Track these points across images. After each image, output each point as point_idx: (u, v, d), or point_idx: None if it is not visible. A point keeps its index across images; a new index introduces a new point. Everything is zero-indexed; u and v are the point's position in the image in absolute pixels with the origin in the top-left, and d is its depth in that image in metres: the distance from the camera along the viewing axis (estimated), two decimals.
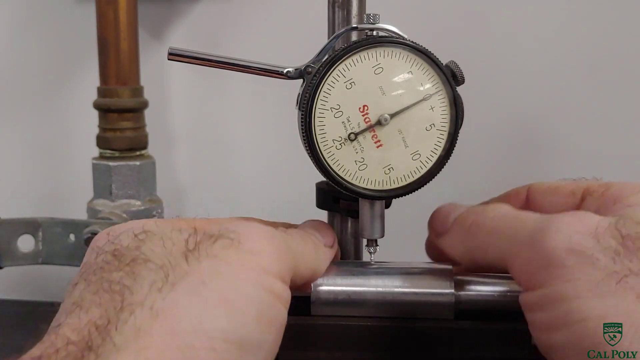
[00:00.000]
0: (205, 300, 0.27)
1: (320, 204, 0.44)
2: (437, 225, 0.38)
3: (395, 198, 0.39)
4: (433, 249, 0.42)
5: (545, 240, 0.29)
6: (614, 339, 0.26)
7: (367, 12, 0.40)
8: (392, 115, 0.37)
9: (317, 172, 0.38)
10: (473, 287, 0.37)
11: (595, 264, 0.28)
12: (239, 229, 0.31)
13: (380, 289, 0.37)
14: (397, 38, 0.37)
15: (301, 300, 0.36)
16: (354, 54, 0.37)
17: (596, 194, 0.35)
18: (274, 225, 0.39)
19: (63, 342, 0.26)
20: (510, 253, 0.32)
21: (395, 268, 0.39)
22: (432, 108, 0.37)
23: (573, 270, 0.28)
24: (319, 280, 0.37)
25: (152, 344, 0.26)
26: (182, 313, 0.27)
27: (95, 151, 0.65)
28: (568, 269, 0.28)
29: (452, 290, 0.37)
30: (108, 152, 0.64)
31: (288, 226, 0.40)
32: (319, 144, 0.37)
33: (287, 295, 0.31)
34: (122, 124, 0.63)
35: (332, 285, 0.38)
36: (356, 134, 0.37)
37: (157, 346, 0.26)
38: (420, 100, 0.37)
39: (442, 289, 0.37)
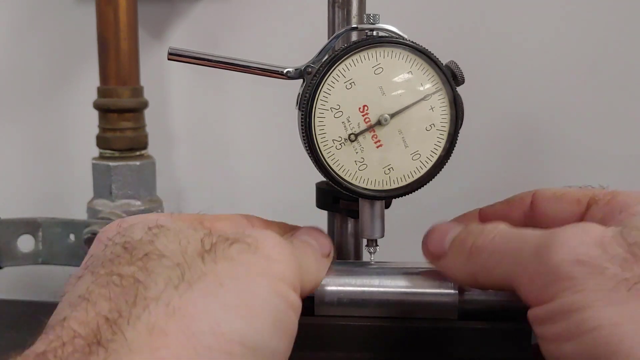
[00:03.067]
0: (223, 302, 0.27)
1: (320, 204, 0.44)
2: (433, 247, 0.37)
3: (395, 198, 0.39)
4: None
5: (551, 254, 0.29)
6: (631, 348, 0.25)
7: (367, 12, 0.40)
8: (392, 115, 0.37)
9: (317, 172, 0.38)
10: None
11: (604, 273, 0.27)
12: (255, 235, 0.31)
13: (384, 289, 0.37)
14: (397, 38, 0.37)
15: (305, 301, 0.36)
16: (354, 54, 0.37)
17: (602, 202, 0.35)
18: (272, 226, 0.39)
19: (69, 336, 0.25)
20: (515, 273, 0.31)
21: (398, 268, 0.39)
22: (432, 108, 0.37)
23: (582, 281, 0.28)
24: (325, 281, 0.37)
25: (168, 343, 0.25)
26: (200, 314, 0.26)
27: (95, 151, 0.65)
28: (577, 280, 0.28)
29: (456, 291, 0.37)
30: (108, 152, 0.64)
31: (285, 227, 0.40)
32: (319, 144, 0.37)
33: (299, 305, 0.31)
34: (122, 124, 0.63)
35: (336, 286, 0.38)
36: (356, 134, 0.37)
37: (173, 346, 0.25)
38: (420, 100, 0.37)
39: (445, 289, 0.37)
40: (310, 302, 0.37)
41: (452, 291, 0.37)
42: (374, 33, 0.38)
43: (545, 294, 0.29)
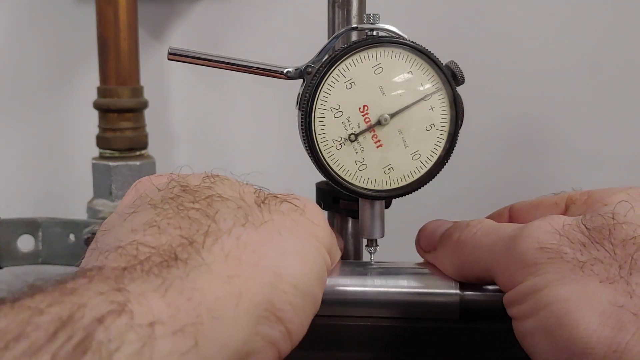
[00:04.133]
0: (282, 248, 0.29)
1: (320, 204, 0.44)
2: (424, 242, 0.40)
3: (395, 198, 0.39)
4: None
5: (518, 244, 0.31)
6: (576, 320, 0.28)
7: (367, 12, 0.40)
8: (392, 115, 0.37)
9: (317, 172, 0.38)
10: (478, 288, 0.37)
11: (564, 257, 0.30)
12: (302, 199, 0.33)
13: (385, 289, 0.37)
14: (397, 38, 0.37)
15: None
16: (354, 54, 0.37)
17: (579, 201, 0.37)
18: None
19: (146, 254, 0.26)
20: (492, 264, 0.33)
21: (399, 268, 0.39)
22: (432, 108, 0.37)
23: (544, 265, 0.30)
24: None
25: (241, 272, 0.27)
26: (265, 253, 0.29)
27: (95, 151, 0.65)
28: (539, 265, 0.30)
29: (457, 291, 0.37)
30: (108, 152, 0.64)
31: None
32: (319, 144, 0.37)
33: (329, 269, 0.33)
34: (122, 124, 0.63)
35: (339, 286, 0.37)
36: (356, 134, 0.37)
37: (245, 276, 0.27)
38: (420, 100, 0.37)
39: (447, 289, 0.37)
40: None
41: (454, 291, 0.37)
42: (374, 33, 0.38)
43: (515, 280, 0.31)
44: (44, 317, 0.21)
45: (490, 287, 0.37)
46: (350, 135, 0.37)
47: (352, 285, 0.38)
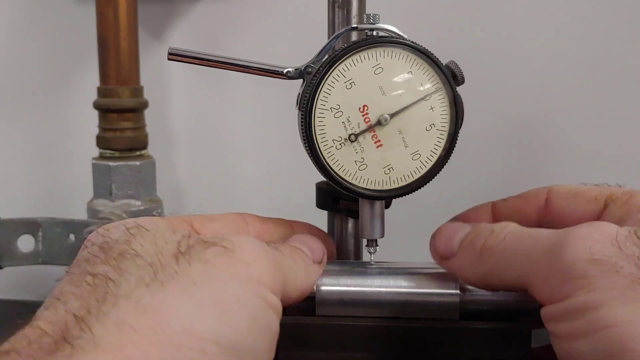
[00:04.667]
0: (196, 301, 0.27)
1: (320, 204, 0.44)
2: (441, 248, 0.36)
3: (395, 198, 0.39)
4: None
5: (564, 253, 0.29)
6: None
7: (367, 12, 0.40)
8: (392, 115, 0.37)
9: (317, 172, 0.38)
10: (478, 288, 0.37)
11: (619, 272, 0.27)
12: (233, 239, 0.30)
13: (385, 289, 0.37)
14: (397, 38, 0.37)
15: (306, 301, 0.36)
16: (354, 54, 0.37)
17: (619, 201, 0.35)
18: (268, 223, 0.39)
19: (36, 335, 0.25)
20: (528, 272, 0.31)
21: (400, 268, 0.39)
22: (432, 108, 0.37)
23: (597, 279, 0.27)
24: (324, 281, 0.37)
25: (136, 340, 0.25)
26: (172, 312, 0.26)
27: (95, 151, 0.65)
28: (591, 279, 0.27)
29: (458, 291, 0.37)
30: (108, 152, 0.64)
31: (282, 223, 0.40)
32: (319, 144, 0.37)
33: (279, 305, 0.31)
34: (122, 124, 0.63)
35: (337, 286, 0.37)
36: (356, 134, 0.37)
37: (142, 343, 0.25)
38: (420, 100, 0.37)
39: (447, 289, 0.37)
40: (311, 302, 0.37)
41: (454, 291, 0.37)
42: (374, 33, 0.38)
43: (560, 293, 0.29)
44: None
45: None
46: (350, 135, 0.37)
47: (352, 285, 0.38)
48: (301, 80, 0.38)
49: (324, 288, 0.37)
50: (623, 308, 0.26)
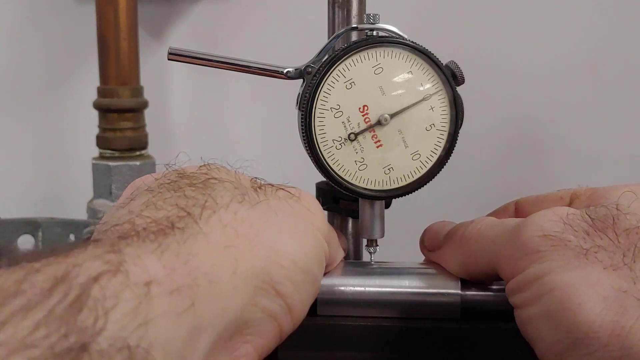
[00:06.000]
0: (279, 227, 0.30)
1: (320, 204, 0.44)
2: (428, 242, 0.40)
3: (395, 198, 0.39)
4: None
5: (521, 233, 0.31)
6: (579, 305, 0.28)
7: (367, 12, 0.40)
8: (392, 115, 0.37)
9: (317, 172, 0.38)
10: (479, 287, 0.37)
11: (567, 245, 0.30)
12: (298, 189, 0.34)
13: (386, 289, 0.37)
14: (397, 38, 0.37)
15: None
16: (354, 54, 0.37)
17: (583, 196, 0.37)
18: None
19: (142, 226, 0.26)
20: (495, 255, 0.33)
21: (400, 268, 0.39)
22: (432, 108, 0.37)
23: (547, 252, 0.30)
24: (325, 281, 0.37)
25: (238, 243, 0.28)
26: (262, 229, 0.29)
27: (95, 151, 0.65)
28: (543, 253, 0.30)
29: (459, 291, 0.37)
30: (108, 152, 0.64)
31: None
32: (319, 144, 0.37)
33: (327, 257, 0.34)
34: (122, 124, 0.63)
35: (339, 285, 0.37)
36: (356, 134, 0.37)
37: (242, 248, 0.28)
38: (420, 100, 0.37)
39: (448, 289, 0.37)
40: (312, 302, 0.37)
41: (455, 291, 0.37)
42: (374, 33, 0.38)
43: (518, 268, 0.31)
44: (40, 276, 0.21)
45: (492, 287, 0.37)
46: (350, 134, 0.37)
47: (352, 285, 0.38)
48: (301, 80, 0.38)
49: (324, 288, 0.37)
50: (565, 274, 0.29)
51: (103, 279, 0.22)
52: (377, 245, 0.40)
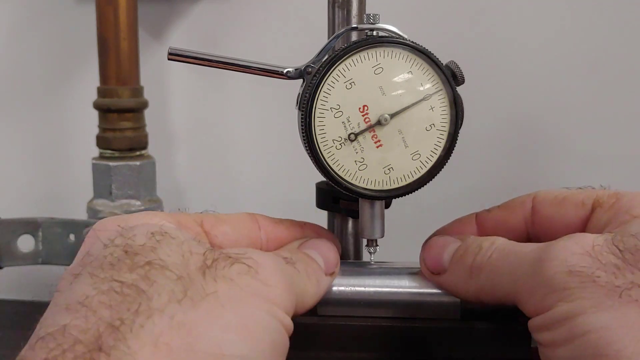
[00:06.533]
0: (225, 324, 0.27)
1: (320, 204, 0.44)
2: (431, 264, 0.37)
3: (395, 198, 0.39)
4: None
5: (545, 268, 0.30)
6: (618, 351, 0.26)
7: (367, 12, 0.40)
8: (392, 115, 0.37)
9: (317, 172, 0.38)
10: None
11: (597, 282, 0.28)
12: (256, 257, 0.31)
13: (386, 290, 0.37)
14: (397, 38, 0.37)
15: None
16: (354, 54, 0.37)
17: (606, 205, 0.35)
18: (279, 225, 0.39)
19: (70, 343, 0.25)
20: (515, 289, 0.32)
21: (400, 268, 0.39)
22: (432, 108, 0.37)
23: (575, 290, 0.28)
24: None
25: (171, 358, 0.25)
26: (203, 333, 0.26)
27: (95, 151, 0.65)
28: (571, 290, 0.29)
29: None
30: (108, 152, 0.64)
31: (293, 224, 0.39)
32: (319, 144, 0.37)
33: (291, 327, 0.31)
34: (122, 124, 0.63)
35: (339, 286, 0.37)
36: (356, 134, 0.37)
37: None
38: (420, 100, 0.37)
39: None
40: None
41: None
42: (374, 33, 0.38)
43: (543, 305, 0.30)
44: None
45: None
46: (350, 134, 0.37)
47: (352, 285, 0.38)
48: (301, 80, 0.38)
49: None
50: (599, 315, 0.27)
51: None
52: (377, 245, 0.40)
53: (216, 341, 0.26)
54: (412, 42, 0.37)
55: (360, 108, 0.37)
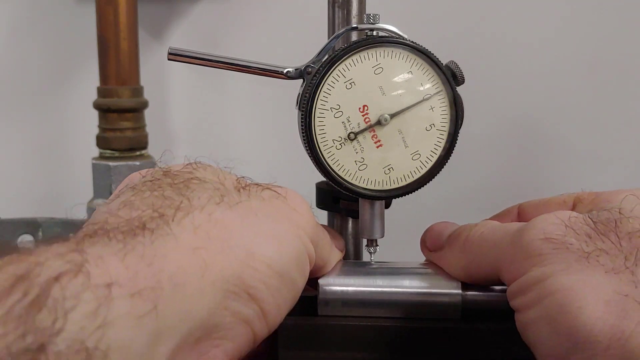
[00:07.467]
0: (257, 229, 0.30)
1: (320, 204, 0.44)
2: (430, 242, 0.39)
3: (395, 198, 0.39)
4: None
5: (523, 236, 0.31)
6: (580, 308, 0.28)
7: (367, 12, 0.40)
8: (392, 115, 0.37)
9: (317, 172, 0.38)
10: (480, 288, 0.37)
11: (569, 248, 0.30)
12: (285, 189, 0.34)
13: (386, 289, 0.37)
14: (397, 38, 0.37)
15: (308, 301, 0.36)
16: (354, 54, 0.37)
17: (586, 200, 0.37)
18: None
19: (115, 222, 0.26)
20: (497, 259, 0.33)
21: (400, 268, 0.39)
22: (432, 108, 0.37)
23: (549, 255, 0.30)
24: (326, 280, 0.37)
25: (209, 246, 0.27)
26: (237, 231, 0.29)
27: (95, 151, 0.65)
28: (544, 256, 0.30)
29: (460, 291, 0.37)
30: (108, 152, 0.64)
31: None
32: (319, 144, 0.37)
33: (313, 259, 0.33)
34: (122, 124, 0.63)
35: (340, 285, 0.37)
36: (356, 134, 0.37)
37: (212, 250, 0.27)
38: (420, 101, 0.37)
39: (449, 289, 0.37)
40: (313, 302, 0.37)
41: (456, 291, 0.37)
42: (374, 33, 0.38)
43: (519, 271, 0.31)
44: (0, 274, 0.21)
45: (493, 287, 0.37)
46: (350, 134, 0.37)
47: (353, 285, 0.38)
48: (301, 80, 0.38)
49: (325, 288, 0.37)
50: (566, 277, 0.29)
51: (64, 279, 0.22)
52: (377, 245, 0.40)
53: (248, 240, 0.29)
54: (412, 42, 0.37)
55: (360, 108, 0.37)
